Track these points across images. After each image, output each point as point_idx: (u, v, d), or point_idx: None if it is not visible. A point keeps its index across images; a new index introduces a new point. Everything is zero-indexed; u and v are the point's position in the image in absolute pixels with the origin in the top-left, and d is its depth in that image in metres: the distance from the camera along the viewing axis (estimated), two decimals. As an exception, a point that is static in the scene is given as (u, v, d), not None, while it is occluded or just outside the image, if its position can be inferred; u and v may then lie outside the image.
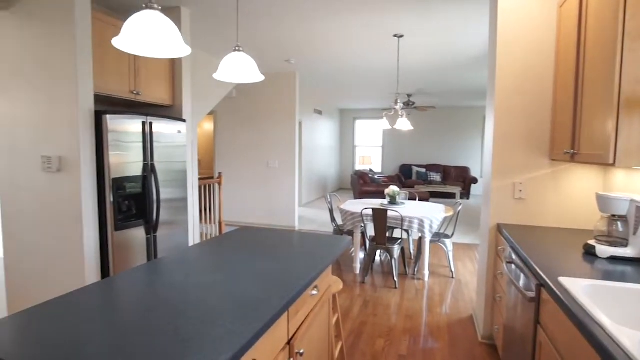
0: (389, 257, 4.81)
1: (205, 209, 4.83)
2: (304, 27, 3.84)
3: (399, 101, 4.56)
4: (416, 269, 4.20)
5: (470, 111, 10.92)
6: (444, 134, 11.18)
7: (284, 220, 6.50)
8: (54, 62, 2.47)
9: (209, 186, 5.08)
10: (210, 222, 4.98)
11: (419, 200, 7.42)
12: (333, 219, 4.58)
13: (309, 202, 9.22)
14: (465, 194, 9.94)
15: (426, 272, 3.95)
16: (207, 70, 4.94)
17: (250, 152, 6.67)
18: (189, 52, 1.18)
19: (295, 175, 6.39)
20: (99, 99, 2.85)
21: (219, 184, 5.05)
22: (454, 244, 5.49)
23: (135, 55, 2.97)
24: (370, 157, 11.21)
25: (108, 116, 2.53)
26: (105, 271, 2.60)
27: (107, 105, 3.21)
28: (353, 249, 4.66)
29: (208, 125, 8.82)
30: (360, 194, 8.60)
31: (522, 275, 1.80)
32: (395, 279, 3.78)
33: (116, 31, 2.80)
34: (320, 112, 9.84)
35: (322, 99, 9.50)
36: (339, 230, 4.42)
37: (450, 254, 4.06)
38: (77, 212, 2.46)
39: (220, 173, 5.12)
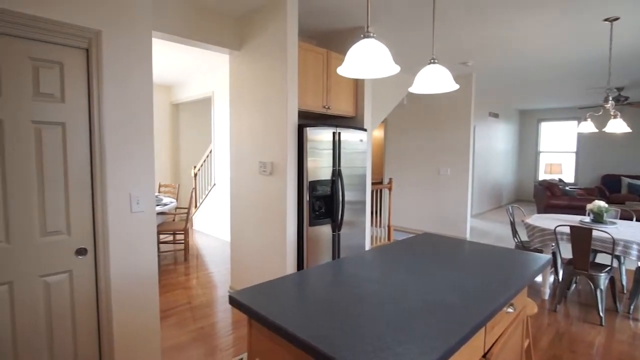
0: (591, 286, 3.99)
1: (375, 213, 5.08)
2: (486, 26, 3.60)
3: (610, 98, 3.75)
4: (632, 307, 3.35)
5: None
6: (676, 136, 8.50)
7: (453, 230, 6.20)
8: (270, 87, 3.08)
9: (379, 191, 5.33)
10: (379, 226, 5.21)
11: (636, 220, 5.87)
12: (515, 234, 4.12)
13: (480, 213, 8.50)
14: None
15: (649, 313, 3.12)
16: (382, 81, 5.19)
17: (419, 158, 6.64)
18: (398, 70, 1.31)
19: (467, 184, 6.01)
20: (300, 114, 3.39)
21: (389, 189, 5.23)
22: (694, 282, 4.12)
23: (327, 76, 3.40)
24: (560, 165, 9.50)
25: (308, 128, 2.98)
26: (300, 260, 3.06)
27: (302, 119, 3.77)
28: (539, 270, 4.06)
29: (377, 133, 9.21)
30: (546, 208, 7.41)
31: None
32: (601, 314, 3.11)
33: (312, 55, 3.26)
34: (496, 115, 8.95)
35: (498, 100, 8.63)
36: (522, 247, 3.94)
37: (691, 295, 3.08)
38: (282, 209, 2.99)
39: (390, 179, 5.30)
